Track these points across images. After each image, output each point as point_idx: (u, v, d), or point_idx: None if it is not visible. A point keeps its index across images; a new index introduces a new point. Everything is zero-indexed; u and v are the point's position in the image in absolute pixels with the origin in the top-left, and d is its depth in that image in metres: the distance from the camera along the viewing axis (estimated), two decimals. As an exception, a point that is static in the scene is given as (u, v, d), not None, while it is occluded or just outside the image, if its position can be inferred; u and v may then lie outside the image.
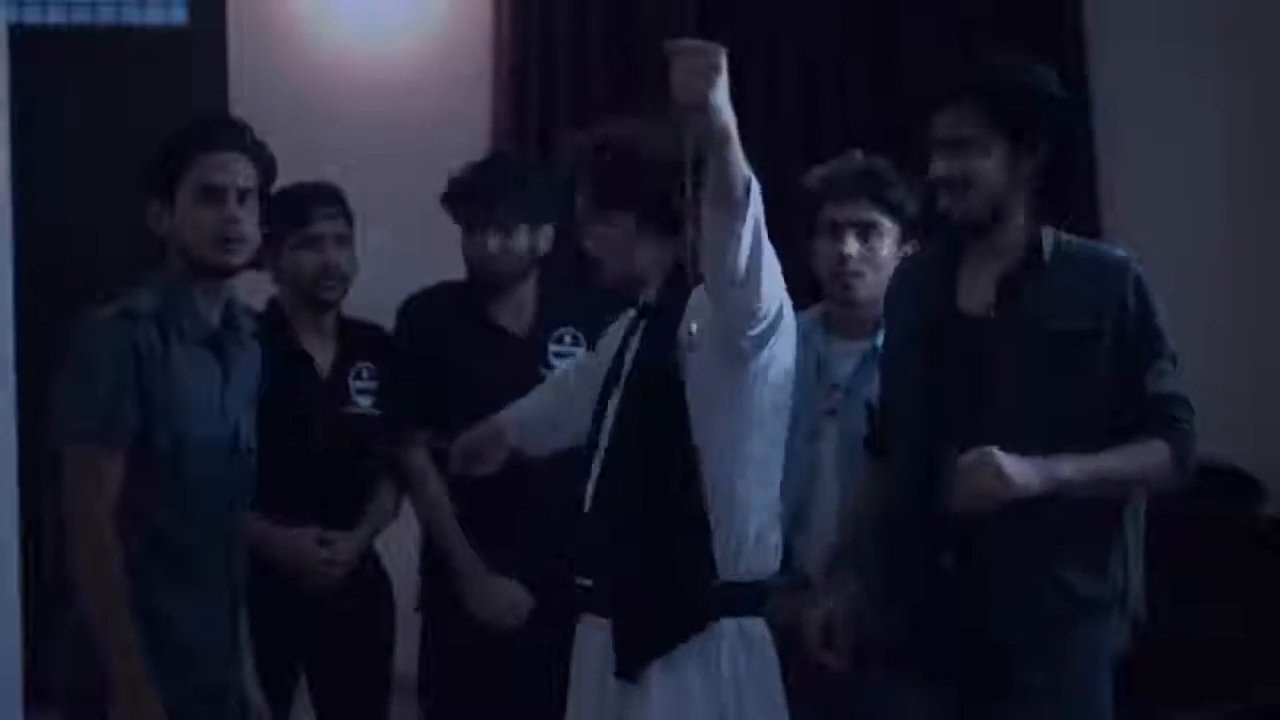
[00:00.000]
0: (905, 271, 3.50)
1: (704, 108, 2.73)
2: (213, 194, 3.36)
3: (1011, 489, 3.02)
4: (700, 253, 2.95)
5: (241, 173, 3.39)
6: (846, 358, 3.81)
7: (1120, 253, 3.27)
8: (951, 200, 3.22)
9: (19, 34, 5.01)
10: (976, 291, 3.26)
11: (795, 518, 3.70)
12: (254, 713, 3.54)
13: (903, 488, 3.28)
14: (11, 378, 2.65)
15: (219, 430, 3.39)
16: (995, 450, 3.02)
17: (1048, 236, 3.24)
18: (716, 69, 2.72)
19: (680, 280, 3.15)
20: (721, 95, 2.73)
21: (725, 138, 2.77)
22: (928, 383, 3.26)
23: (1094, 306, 3.16)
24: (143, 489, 3.29)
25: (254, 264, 4.11)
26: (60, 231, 5.84)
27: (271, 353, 3.63)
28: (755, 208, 2.85)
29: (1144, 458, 3.14)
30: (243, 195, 3.38)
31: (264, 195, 3.46)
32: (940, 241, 3.37)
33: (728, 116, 2.76)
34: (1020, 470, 3.02)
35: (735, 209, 2.82)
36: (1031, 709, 3.17)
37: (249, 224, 3.40)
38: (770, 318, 3.02)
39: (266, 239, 4.02)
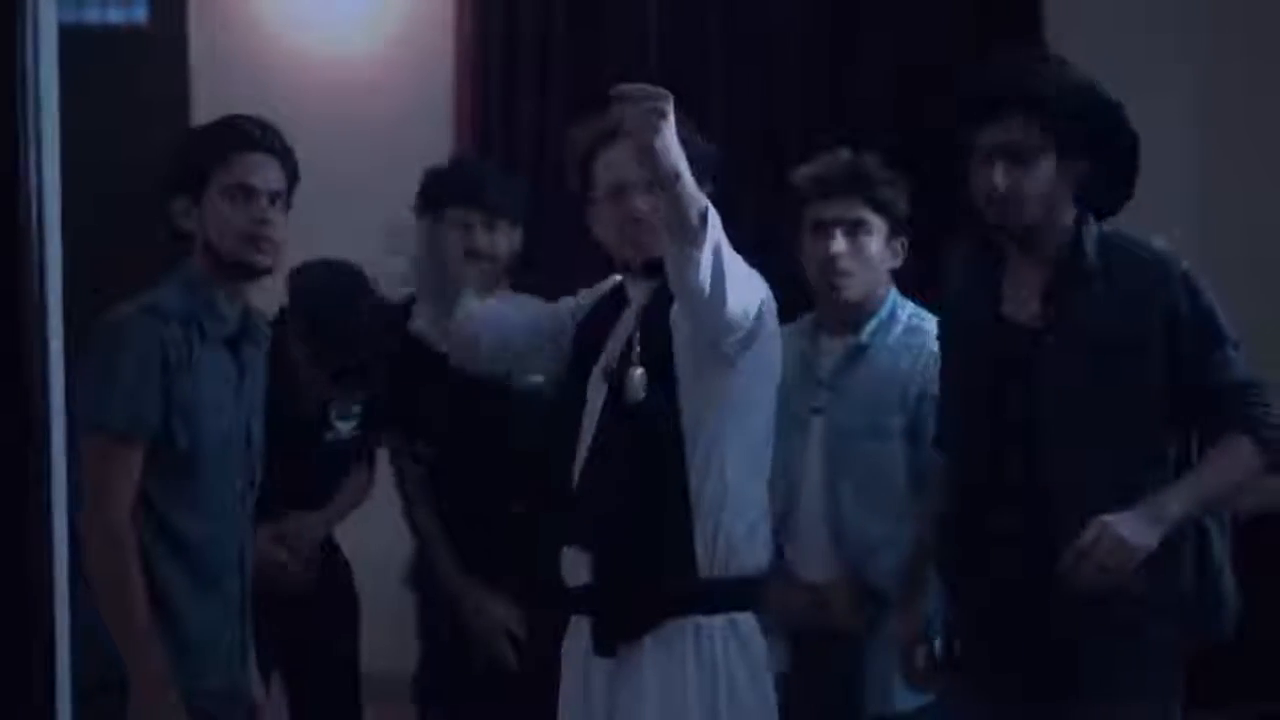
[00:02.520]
0: (955, 273, 3.47)
1: (650, 153, 2.83)
2: (245, 194, 3.36)
3: (1136, 553, 3.02)
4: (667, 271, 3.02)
5: (272, 174, 3.40)
6: (831, 355, 3.81)
7: (1163, 252, 3.22)
8: (1004, 212, 3.19)
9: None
10: (1022, 299, 3.25)
11: (783, 514, 3.73)
12: (260, 712, 3.55)
13: (963, 491, 3.29)
14: (62, 369, 2.68)
15: (233, 431, 3.40)
16: (1108, 519, 3.02)
17: (1090, 238, 3.21)
18: (662, 114, 2.83)
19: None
20: (667, 140, 2.84)
21: (675, 176, 2.87)
22: (979, 388, 3.26)
23: (1143, 312, 3.14)
24: (159, 487, 3.29)
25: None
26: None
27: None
28: (713, 232, 2.93)
29: (1233, 462, 3.13)
30: (274, 198, 3.39)
31: (289, 200, 3.47)
32: (983, 245, 3.34)
33: (675, 157, 2.86)
34: (1137, 531, 3.02)
35: (691, 237, 2.91)
36: (1095, 710, 3.16)
37: (279, 227, 3.40)
38: (749, 323, 3.09)
39: None
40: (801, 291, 3.84)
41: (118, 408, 3.24)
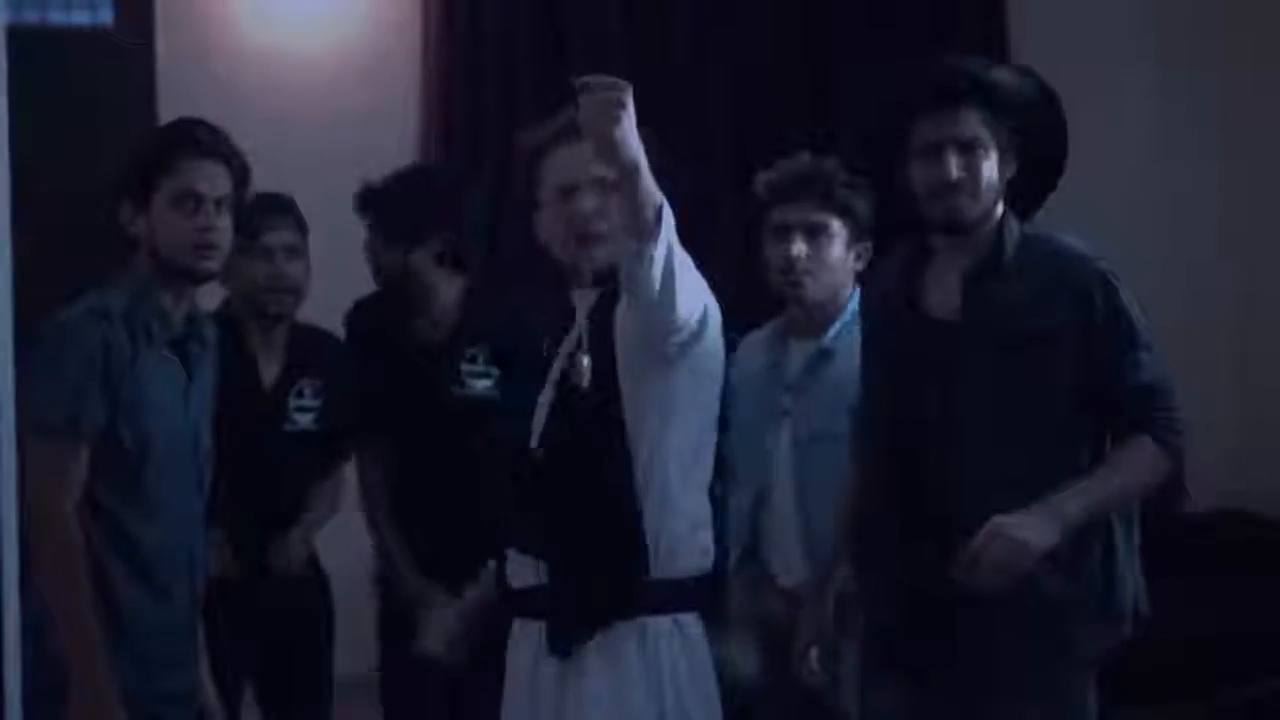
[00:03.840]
0: (876, 276, 3.50)
1: (609, 143, 2.82)
2: (192, 201, 3.39)
3: (1031, 554, 3.03)
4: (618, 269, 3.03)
5: (219, 181, 3.43)
6: (798, 357, 3.84)
7: (1082, 249, 3.25)
8: (965, 202, 3.22)
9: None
10: (944, 294, 3.27)
11: (754, 517, 3.75)
12: (210, 715, 3.55)
13: (878, 490, 3.32)
14: (11, 371, 2.67)
15: (182, 432, 3.42)
16: (1003, 520, 3.02)
17: (1012, 234, 3.24)
18: (621, 105, 2.82)
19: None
20: (626, 130, 2.83)
21: (633, 170, 2.86)
22: (900, 387, 3.28)
23: (1058, 306, 3.17)
24: (107, 488, 3.31)
25: None
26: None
27: (221, 362, 3.64)
28: (667, 230, 2.93)
29: (1136, 464, 3.15)
30: (219, 204, 3.42)
31: (237, 204, 3.49)
32: (908, 244, 3.37)
33: (634, 150, 2.85)
34: (1033, 532, 3.03)
35: (646, 234, 2.90)
36: (1006, 710, 3.19)
37: (225, 232, 3.44)
38: (693, 325, 3.08)
39: None
40: (769, 297, 3.87)
41: (61, 409, 3.26)
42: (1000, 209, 3.27)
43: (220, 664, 3.69)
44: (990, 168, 3.22)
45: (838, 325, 3.80)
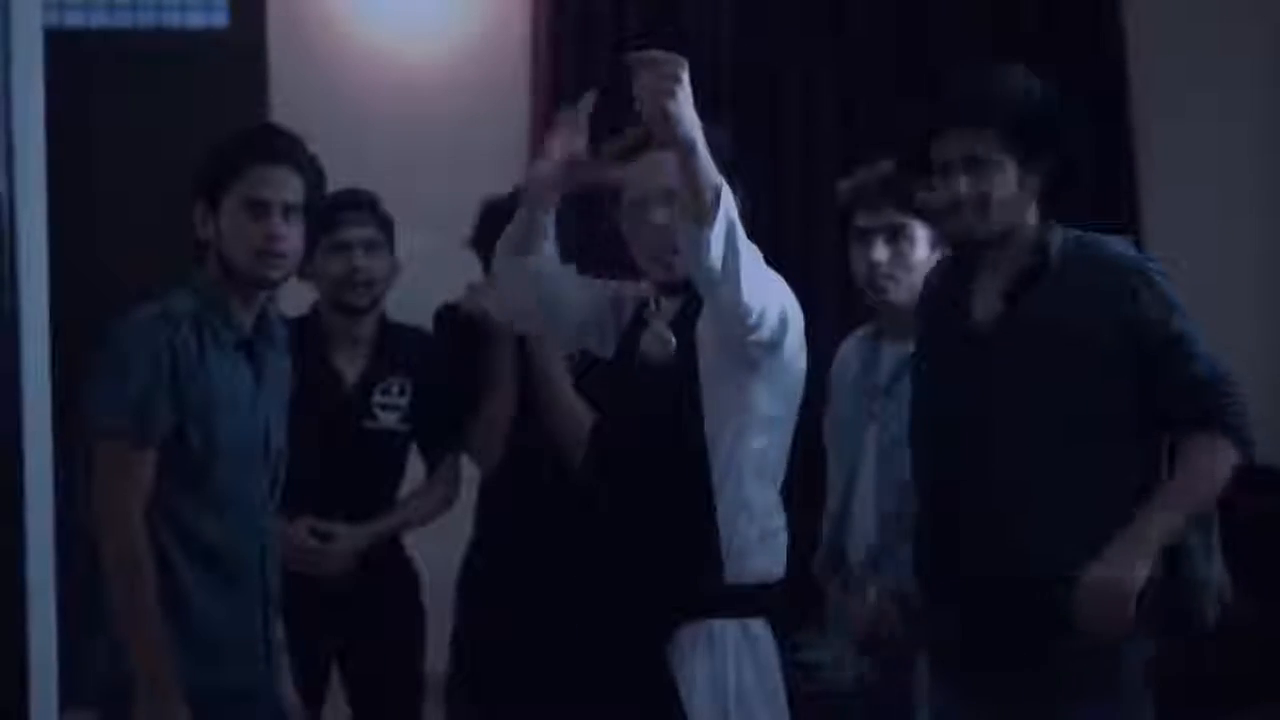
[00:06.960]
0: (928, 282, 3.52)
1: (665, 118, 2.81)
2: (258, 208, 3.37)
3: (1129, 593, 3.03)
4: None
5: (288, 187, 3.40)
6: (888, 361, 3.83)
7: (1129, 251, 3.25)
8: (973, 220, 3.21)
9: (61, 37, 5.04)
10: (989, 300, 3.27)
11: (841, 520, 3.75)
12: (290, 714, 3.57)
13: (931, 489, 3.31)
14: (47, 375, 2.68)
15: (250, 432, 3.42)
16: (1089, 578, 3.03)
17: (1056, 238, 3.24)
18: (677, 80, 2.82)
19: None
20: (683, 106, 2.82)
21: (689, 147, 2.85)
22: (942, 390, 3.29)
23: (1102, 307, 3.16)
24: (175, 488, 3.33)
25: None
26: (103, 231, 5.88)
27: (301, 359, 3.65)
28: (727, 212, 2.92)
29: (1209, 463, 3.11)
30: (287, 210, 3.40)
31: (310, 209, 3.46)
32: (958, 251, 3.38)
33: (690, 125, 2.84)
34: (1125, 571, 3.03)
35: (704, 215, 2.90)
36: (1069, 713, 3.17)
37: (292, 239, 3.42)
38: (772, 322, 3.08)
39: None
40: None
41: (126, 409, 3.28)
42: (1030, 215, 3.26)
43: (305, 661, 3.70)
44: (1004, 184, 3.20)
45: None
